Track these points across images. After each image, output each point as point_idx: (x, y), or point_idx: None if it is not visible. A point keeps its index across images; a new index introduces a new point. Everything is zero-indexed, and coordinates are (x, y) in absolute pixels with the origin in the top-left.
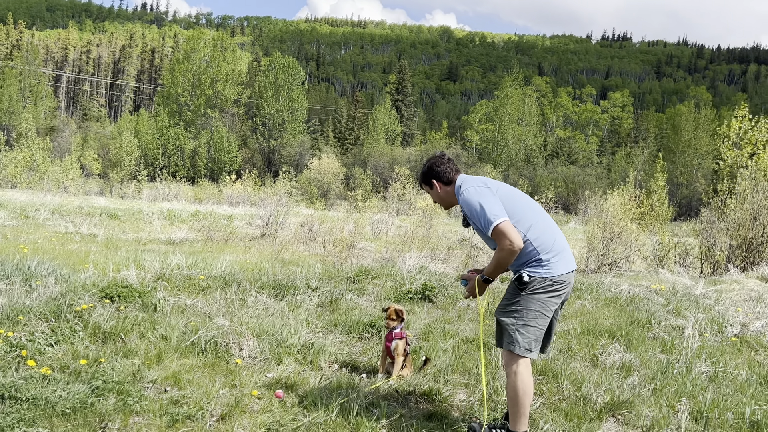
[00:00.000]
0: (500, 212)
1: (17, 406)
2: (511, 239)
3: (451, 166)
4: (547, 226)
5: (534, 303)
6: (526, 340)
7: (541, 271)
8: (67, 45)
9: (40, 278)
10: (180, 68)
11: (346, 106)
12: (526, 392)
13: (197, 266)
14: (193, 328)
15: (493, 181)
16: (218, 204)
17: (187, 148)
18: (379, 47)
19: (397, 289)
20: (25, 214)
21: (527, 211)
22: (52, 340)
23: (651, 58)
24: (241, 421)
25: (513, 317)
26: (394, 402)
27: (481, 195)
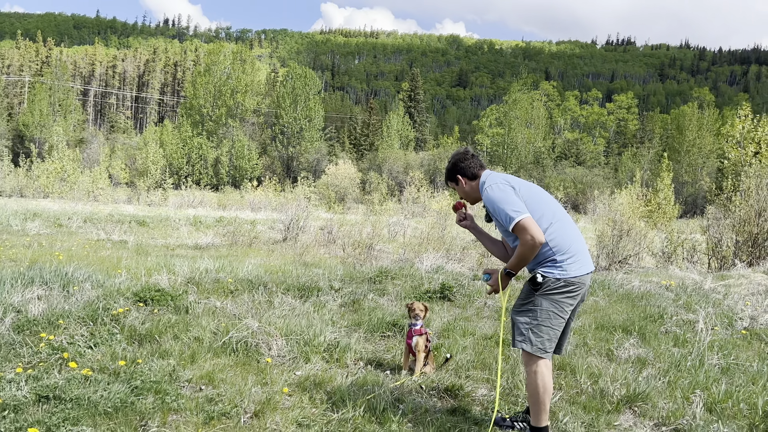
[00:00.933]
0: (522, 208)
1: (62, 406)
2: (533, 234)
3: (475, 162)
4: (566, 227)
5: (548, 303)
6: (539, 340)
7: (555, 272)
8: (94, 60)
9: (77, 284)
10: (202, 80)
11: (360, 114)
12: (546, 390)
13: (224, 270)
14: (224, 329)
15: (517, 179)
16: (241, 210)
17: (210, 157)
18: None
19: (417, 288)
20: (58, 223)
21: (547, 211)
22: (91, 343)
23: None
24: (274, 418)
25: (527, 316)
26: (419, 397)
27: (504, 192)
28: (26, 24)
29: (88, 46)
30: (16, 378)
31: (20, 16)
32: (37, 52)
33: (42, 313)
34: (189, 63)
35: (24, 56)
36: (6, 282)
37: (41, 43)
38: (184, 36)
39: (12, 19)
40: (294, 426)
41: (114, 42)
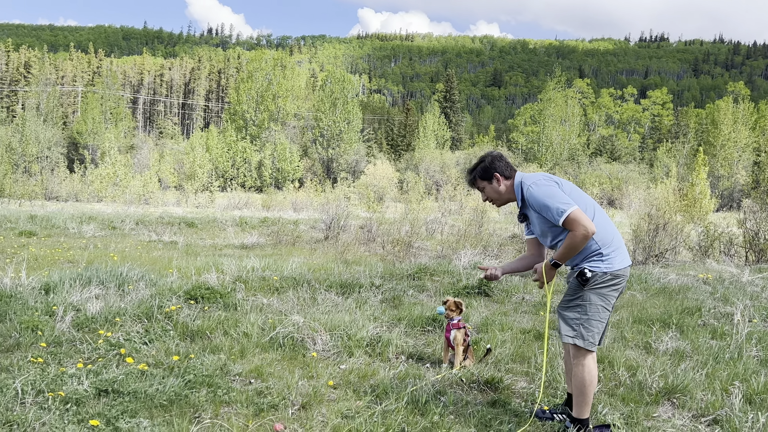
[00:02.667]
0: (570, 201)
1: (120, 399)
2: (585, 224)
3: (509, 163)
4: (606, 221)
5: (596, 298)
6: (590, 334)
7: (602, 266)
8: (142, 70)
9: (132, 283)
10: (244, 86)
11: (397, 115)
12: (592, 383)
13: (270, 268)
14: (271, 325)
15: (554, 176)
16: (284, 210)
17: (254, 160)
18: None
19: (455, 284)
20: (112, 225)
21: (588, 206)
22: (146, 339)
23: (688, 56)
24: (320, 410)
25: (577, 312)
26: (459, 390)
27: (549, 187)
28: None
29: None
30: (78, 373)
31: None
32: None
33: (99, 311)
34: (232, 70)
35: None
36: (65, 282)
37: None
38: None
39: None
40: (340, 418)
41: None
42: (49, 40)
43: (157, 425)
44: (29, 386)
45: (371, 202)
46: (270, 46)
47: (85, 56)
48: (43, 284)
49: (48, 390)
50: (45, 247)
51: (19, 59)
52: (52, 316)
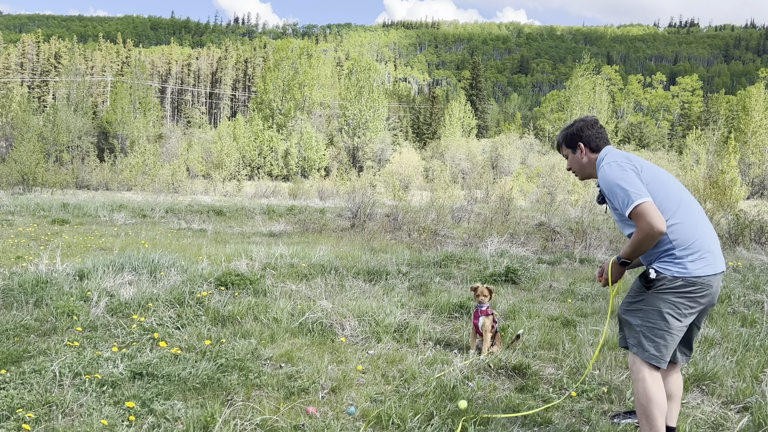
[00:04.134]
0: (642, 191)
1: (154, 382)
2: (652, 221)
3: (602, 133)
4: (693, 218)
5: (661, 303)
6: (652, 345)
7: (673, 269)
8: (170, 59)
9: (163, 269)
10: (271, 76)
11: (423, 103)
12: (652, 401)
13: (298, 255)
14: (300, 311)
15: (639, 158)
16: (310, 199)
17: (280, 149)
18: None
19: (482, 272)
20: (142, 214)
21: (671, 198)
22: (178, 324)
23: (719, 42)
24: (349, 393)
25: (638, 317)
26: (487, 376)
27: (624, 171)
28: (107, 27)
29: (164, 46)
30: (113, 356)
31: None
32: (118, 53)
33: (132, 297)
34: (258, 59)
35: (106, 57)
36: (99, 268)
37: (121, 45)
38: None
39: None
40: (369, 401)
41: (188, 41)
42: (79, 31)
43: (190, 407)
44: (66, 369)
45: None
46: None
47: (113, 46)
48: (77, 270)
49: (84, 373)
50: (78, 234)
51: (50, 50)
52: (86, 302)
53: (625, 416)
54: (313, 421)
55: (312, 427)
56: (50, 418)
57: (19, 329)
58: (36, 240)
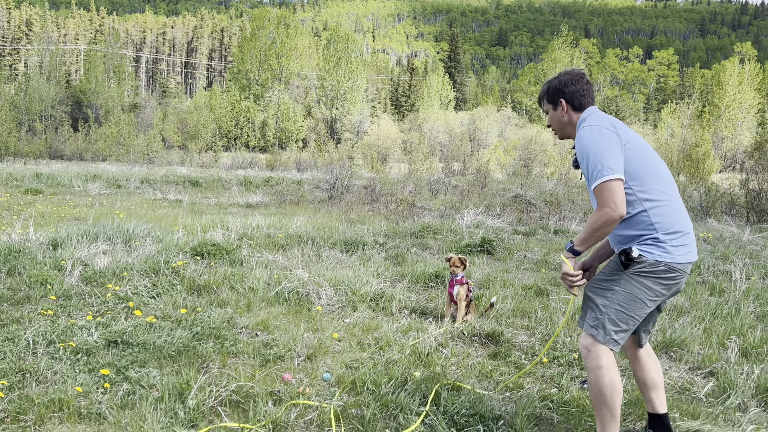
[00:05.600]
0: (617, 166)
1: (129, 350)
2: (616, 203)
3: (588, 91)
4: (676, 199)
5: (637, 287)
6: (614, 329)
7: (656, 253)
8: (145, 28)
9: (138, 239)
10: (248, 46)
11: (401, 75)
12: (618, 390)
13: (275, 226)
14: (276, 280)
15: (626, 127)
16: (288, 170)
17: (257, 120)
18: (432, 17)
19: (458, 242)
20: (117, 184)
21: (656, 175)
22: (154, 293)
23: (695, 16)
24: (325, 360)
25: (606, 298)
26: (461, 343)
27: (603, 138)
28: None
29: (138, 14)
30: (87, 325)
31: None
32: (91, 21)
33: (107, 266)
34: (235, 29)
35: (79, 25)
36: (73, 238)
37: (95, 12)
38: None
39: None
40: (344, 368)
41: (163, 9)
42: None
43: (166, 374)
44: (40, 337)
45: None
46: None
47: (87, 14)
48: (51, 240)
49: (59, 341)
50: (51, 204)
51: (21, 17)
52: (60, 271)
53: None
54: (288, 388)
55: (287, 393)
56: (24, 386)
57: None
58: (8, 210)
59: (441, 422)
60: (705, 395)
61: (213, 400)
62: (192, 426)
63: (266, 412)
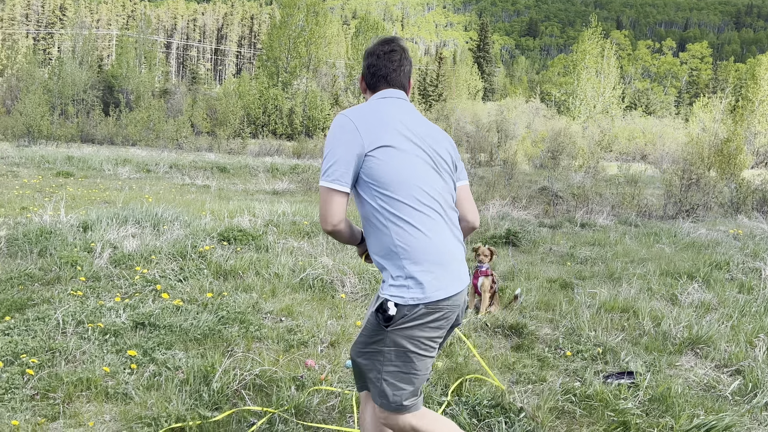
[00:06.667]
0: (338, 174)
1: (156, 332)
2: (324, 214)
3: (385, 67)
4: (435, 219)
5: (404, 342)
6: (397, 393)
7: (407, 295)
8: (176, 14)
9: (166, 223)
10: (277, 33)
11: (429, 64)
12: None
13: (301, 213)
14: (301, 267)
15: (399, 119)
16: (314, 158)
17: (285, 107)
18: (461, 6)
19: (482, 234)
20: (146, 168)
21: (407, 185)
22: (181, 277)
23: (730, 8)
24: (348, 347)
25: (375, 368)
26: (485, 334)
27: (337, 137)
28: None
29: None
30: (115, 306)
31: None
32: (124, 7)
33: (136, 249)
34: (265, 16)
35: (111, 10)
36: (103, 221)
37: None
38: None
39: None
40: None
41: None
42: None
43: (191, 357)
44: (70, 317)
45: None
46: None
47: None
48: (81, 222)
49: (88, 321)
50: (82, 187)
51: (55, 2)
52: (90, 253)
53: (618, 377)
54: (311, 373)
55: (310, 379)
56: (53, 364)
57: (24, 278)
58: (40, 192)
59: (463, 413)
60: (731, 393)
61: (237, 384)
62: (216, 408)
63: (289, 396)
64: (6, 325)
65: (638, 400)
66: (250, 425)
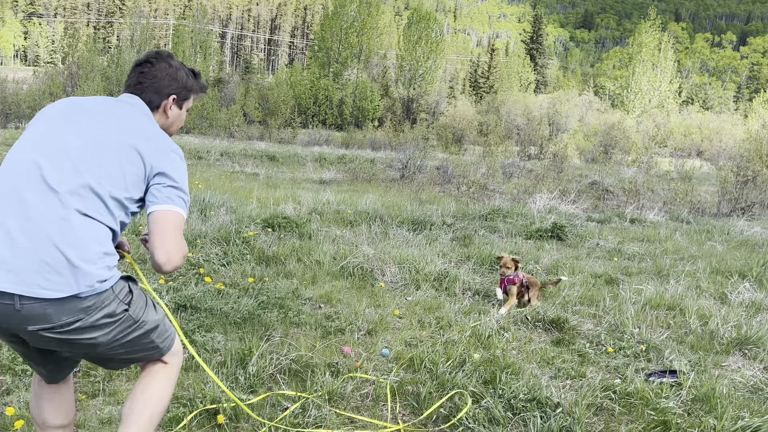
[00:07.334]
0: None
1: (197, 315)
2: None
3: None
4: None
5: None
6: None
7: None
8: (231, 4)
9: (213, 209)
10: (329, 23)
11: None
12: None
13: (345, 202)
14: (342, 255)
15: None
16: (362, 148)
17: (335, 98)
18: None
19: (528, 227)
20: (198, 156)
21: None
22: (224, 261)
23: None
24: (385, 336)
25: None
26: (524, 327)
27: None
28: None
29: None
30: (159, 288)
31: None
32: None
33: None
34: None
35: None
36: None
37: None
38: None
39: None
40: (403, 345)
41: None
42: None
43: (230, 340)
44: None
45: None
46: None
47: None
48: None
49: None
50: None
51: None
52: (137, 235)
53: (660, 375)
54: (347, 360)
55: (346, 366)
56: None
57: None
58: None
59: (497, 405)
60: None
61: (273, 368)
62: (251, 391)
63: (323, 382)
64: None
65: (680, 400)
66: (283, 409)
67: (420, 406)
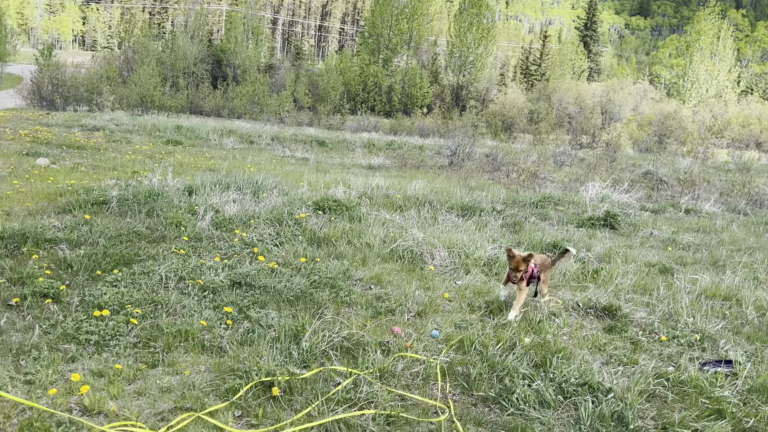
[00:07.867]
0: None
1: (251, 292)
2: None
3: None
4: None
5: None
6: None
7: None
8: None
9: (266, 191)
10: (380, 9)
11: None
12: None
13: (394, 187)
14: (391, 238)
15: None
16: (411, 135)
17: (384, 84)
18: None
19: (579, 215)
20: (249, 140)
21: None
22: (277, 241)
23: None
24: (435, 318)
25: None
26: (575, 314)
27: None
28: None
29: None
30: (215, 265)
31: None
32: None
33: (236, 214)
34: None
35: None
36: (207, 186)
37: None
38: None
39: None
40: (453, 327)
41: None
42: None
43: (283, 317)
44: (172, 273)
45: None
46: None
47: None
48: (186, 186)
49: (188, 278)
50: (189, 155)
51: None
52: (194, 215)
53: (715, 364)
54: (397, 340)
55: (396, 345)
56: (155, 316)
57: (132, 235)
58: (151, 157)
59: (548, 388)
60: None
61: (325, 345)
62: (305, 366)
63: (374, 360)
64: (114, 277)
65: (736, 389)
66: (336, 384)
67: (470, 387)
